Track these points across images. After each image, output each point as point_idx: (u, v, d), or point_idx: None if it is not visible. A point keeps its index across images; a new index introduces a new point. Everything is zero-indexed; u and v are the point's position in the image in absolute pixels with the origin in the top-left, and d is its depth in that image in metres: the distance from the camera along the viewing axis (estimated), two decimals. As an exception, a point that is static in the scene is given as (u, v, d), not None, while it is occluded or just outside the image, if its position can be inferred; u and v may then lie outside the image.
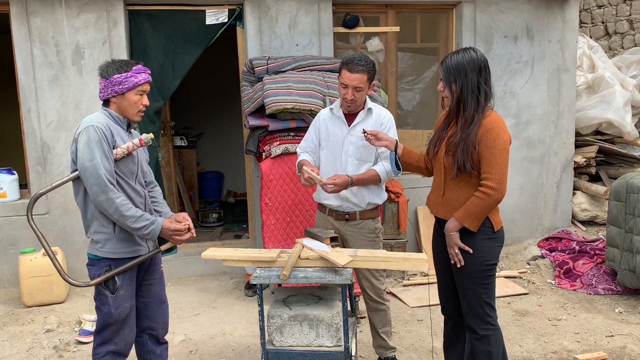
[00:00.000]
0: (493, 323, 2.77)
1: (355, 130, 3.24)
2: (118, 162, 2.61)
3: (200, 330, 4.14)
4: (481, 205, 2.60)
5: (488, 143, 2.58)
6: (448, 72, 2.63)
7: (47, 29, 4.78)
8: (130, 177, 2.67)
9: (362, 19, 5.43)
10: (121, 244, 2.65)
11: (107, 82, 2.63)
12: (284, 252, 2.89)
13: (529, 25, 5.56)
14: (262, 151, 4.63)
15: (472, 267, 2.71)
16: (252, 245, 5.43)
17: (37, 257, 4.58)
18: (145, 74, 2.69)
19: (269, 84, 4.53)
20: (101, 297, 2.68)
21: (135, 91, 2.65)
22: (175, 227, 2.65)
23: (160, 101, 5.11)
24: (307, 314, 2.65)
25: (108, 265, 2.65)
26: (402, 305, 4.54)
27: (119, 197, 2.54)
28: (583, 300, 4.60)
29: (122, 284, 2.66)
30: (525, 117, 5.66)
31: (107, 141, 2.56)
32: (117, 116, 2.69)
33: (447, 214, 2.77)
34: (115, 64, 2.65)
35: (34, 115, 4.84)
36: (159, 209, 2.89)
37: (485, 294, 2.74)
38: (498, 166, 2.59)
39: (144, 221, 2.58)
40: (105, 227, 2.63)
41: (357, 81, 3.08)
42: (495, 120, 2.63)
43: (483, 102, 2.64)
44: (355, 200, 3.26)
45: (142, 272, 2.82)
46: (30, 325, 4.25)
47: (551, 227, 5.86)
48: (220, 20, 5.11)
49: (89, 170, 2.51)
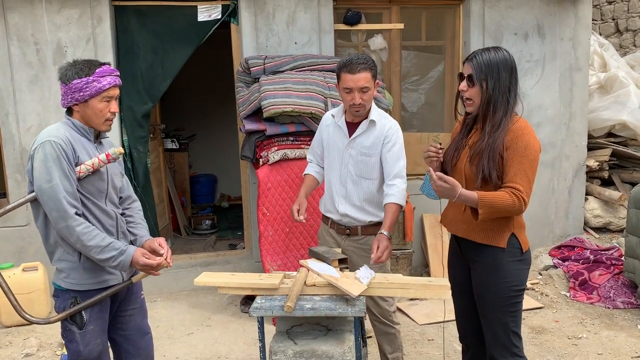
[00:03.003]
0: (519, 354, 2.48)
1: (356, 142, 2.92)
2: (83, 180, 2.27)
3: (193, 353, 3.82)
4: (508, 207, 2.27)
5: (518, 151, 2.30)
6: (480, 70, 2.33)
7: (26, 26, 4.43)
8: (98, 197, 2.33)
9: (365, 15, 5.12)
10: (88, 274, 2.31)
11: (66, 88, 2.26)
12: (288, 276, 2.58)
13: (540, 22, 5.27)
14: (259, 157, 4.32)
15: (500, 293, 2.41)
16: (248, 257, 5.11)
17: (17, 273, 4.24)
18: (112, 77, 2.30)
19: (266, 85, 4.21)
20: (68, 334, 2.35)
21: (99, 98, 2.27)
22: (145, 262, 2.29)
23: (149, 103, 4.78)
24: (315, 349, 2.33)
25: (74, 297, 2.32)
26: (410, 322, 4.24)
27: (80, 224, 2.20)
28: (602, 315, 4.32)
29: (90, 318, 2.33)
30: (535, 119, 5.37)
31: (66, 158, 2.20)
32: (81, 126, 2.33)
33: (469, 232, 2.45)
34: (76, 66, 2.27)
35: (12, 119, 4.49)
36: (134, 232, 2.52)
37: (512, 322, 2.45)
38: (528, 179, 2.30)
39: (111, 251, 2.23)
40: (70, 255, 2.29)
41: (363, 81, 2.76)
42: (525, 127, 2.35)
43: (512, 105, 2.37)
44: (356, 215, 2.98)
45: (117, 303, 2.49)
46: (7, 349, 3.91)
47: (563, 234, 5.58)
48: (213, 17, 4.78)
49: (46, 194, 2.18)
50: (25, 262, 4.35)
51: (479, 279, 2.46)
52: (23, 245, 4.49)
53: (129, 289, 2.50)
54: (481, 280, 2.45)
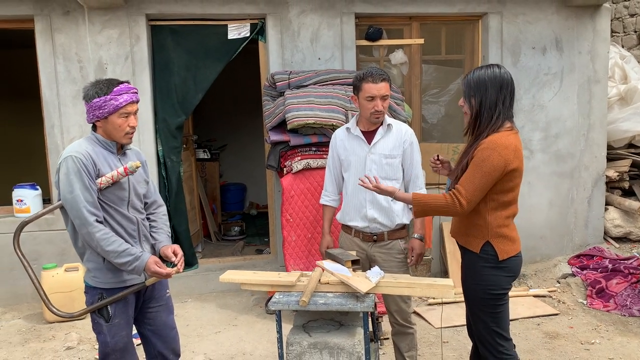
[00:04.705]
0: (507, 352, 2.64)
1: (377, 148, 3.15)
2: (104, 190, 2.52)
3: (220, 350, 4.07)
4: (441, 207, 2.53)
5: (476, 160, 2.47)
6: (469, 87, 2.56)
7: (71, 45, 4.81)
8: (119, 204, 2.59)
9: (386, 31, 5.34)
10: (111, 273, 2.58)
11: (88, 106, 2.51)
12: (304, 275, 2.81)
13: (558, 36, 5.40)
14: (283, 166, 4.57)
15: (476, 294, 2.61)
16: (273, 261, 5.36)
17: (59, 273, 4.58)
18: (129, 95, 2.51)
19: (290, 99, 4.47)
20: (97, 326, 2.63)
21: (117, 114, 2.50)
22: (155, 270, 2.53)
23: (183, 116, 5.10)
24: (328, 341, 2.55)
25: (100, 293, 2.59)
26: (426, 325, 4.41)
27: (99, 230, 2.45)
28: (617, 322, 4.41)
29: (116, 312, 2.60)
30: (554, 131, 5.49)
31: (87, 171, 2.46)
32: (103, 140, 2.58)
33: (456, 234, 2.73)
34: (96, 86, 2.49)
35: (57, 131, 4.86)
36: (155, 236, 2.78)
37: (493, 323, 2.61)
38: (474, 186, 2.45)
39: (127, 256, 2.49)
40: (95, 257, 2.56)
41: (384, 89, 3.03)
42: (494, 141, 2.45)
43: (495, 120, 2.50)
44: (383, 220, 3.16)
45: (142, 300, 2.75)
46: (51, 342, 4.24)
47: (582, 243, 5.66)
48: (242, 35, 5.08)
49: (69, 203, 2.45)
50: (67, 262, 4.68)
51: (462, 277, 2.70)
52: (65, 247, 4.82)
53: (154, 287, 2.75)
54: (462, 279, 2.70)
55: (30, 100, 6.28)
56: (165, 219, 2.88)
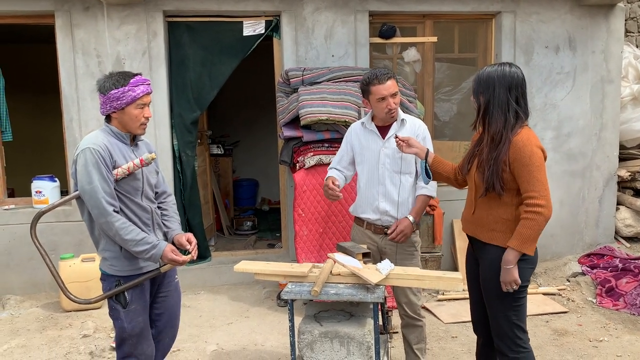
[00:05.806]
0: (524, 345, 2.68)
1: (390, 142, 3.20)
2: (120, 181, 2.60)
3: (232, 340, 4.15)
4: (535, 227, 2.50)
5: (524, 161, 2.49)
6: (478, 84, 2.60)
7: (90, 41, 4.91)
8: (134, 194, 2.66)
9: (399, 29, 5.39)
10: (128, 261, 2.65)
11: (105, 98, 2.57)
12: (316, 266, 2.88)
13: (572, 36, 5.41)
14: (296, 162, 4.64)
15: (501, 288, 2.63)
16: (285, 255, 5.43)
17: (76, 263, 4.69)
18: (144, 86, 2.60)
19: (304, 95, 4.53)
20: (114, 312, 2.71)
21: (134, 105, 2.57)
22: (172, 258, 2.61)
23: (197, 111, 5.18)
24: (338, 330, 2.62)
25: (117, 280, 2.67)
26: (436, 320, 4.46)
27: (118, 220, 2.52)
28: (626, 320, 4.42)
29: (132, 298, 2.67)
30: (566, 130, 5.51)
31: (104, 163, 2.53)
32: (118, 132, 2.65)
33: (476, 231, 2.71)
34: (112, 78, 2.56)
35: (76, 124, 4.97)
36: (168, 224, 2.87)
37: (515, 316, 2.65)
38: (540, 182, 2.49)
39: (144, 245, 2.56)
40: (112, 246, 2.63)
41: (393, 87, 3.08)
42: (526, 137, 2.53)
43: (512, 120, 2.54)
44: (394, 213, 3.21)
45: (156, 286, 2.83)
46: (68, 330, 4.35)
47: (592, 242, 5.67)
48: (257, 32, 5.16)
49: (87, 193, 2.52)
50: (84, 253, 4.78)
51: (484, 274, 2.68)
52: (82, 238, 4.92)
53: (165, 275, 2.84)
54: (485, 275, 2.67)
55: (49, 94, 6.40)
56: (174, 207, 2.97)
